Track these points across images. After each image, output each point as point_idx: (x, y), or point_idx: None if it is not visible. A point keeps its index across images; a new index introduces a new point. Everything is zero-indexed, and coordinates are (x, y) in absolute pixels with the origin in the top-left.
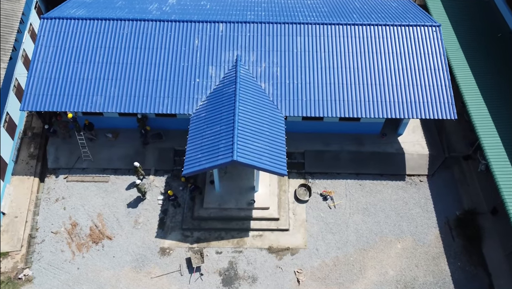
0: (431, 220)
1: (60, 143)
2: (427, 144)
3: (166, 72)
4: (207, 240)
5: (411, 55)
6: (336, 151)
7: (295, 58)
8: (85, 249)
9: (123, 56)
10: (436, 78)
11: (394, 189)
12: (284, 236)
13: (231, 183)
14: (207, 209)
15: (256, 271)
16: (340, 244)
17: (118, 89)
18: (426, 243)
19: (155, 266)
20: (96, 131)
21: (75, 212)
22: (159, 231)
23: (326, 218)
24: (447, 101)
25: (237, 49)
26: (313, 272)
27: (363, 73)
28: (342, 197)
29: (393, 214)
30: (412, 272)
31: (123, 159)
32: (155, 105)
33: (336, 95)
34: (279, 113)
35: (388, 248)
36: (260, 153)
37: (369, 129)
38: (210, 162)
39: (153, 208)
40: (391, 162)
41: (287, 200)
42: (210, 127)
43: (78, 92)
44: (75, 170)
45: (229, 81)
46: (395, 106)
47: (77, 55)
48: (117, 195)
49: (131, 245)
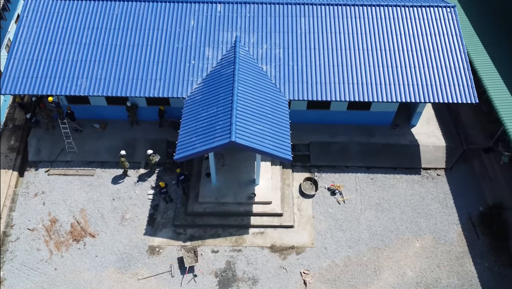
0: (452, 217)
1: (43, 134)
2: (443, 136)
3: (158, 55)
4: (202, 238)
5: (425, 37)
6: (344, 142)
7: (299, 39)
8: (64, 247)
9: (112, 38)
10: (453, 60)
11: (409, 183)
12: (288, 234)
13: (229, 176)
14: (202, 204)
15: (257, 272)
16: (352, 243)
17: (106, 71)
18: (448, 241)
19: (143, 266)
20: (80, 122)
21: (56, 208)
22: (149, 228)
23: (335, 214)
24: (466, 84)
25: (236, 31)
26: (321, 273)
27: (374, 55)
28: (352, 192)
29: (409, 210)
30: (434, 273)
31: (111, 151)
32: (146, 88)
33: (344, 77)
34: (282, 96)
35: (406, 247)
36: (262, 136)
37: (379, 120)
38: (205, 145)
39: (142, 203)
40: (404, 155)
41: (291, 194)
42: (205, 109)
43: (62, 75)
44: (58, 162)
45: (227, 63)
46: (410, 89)
47: (63, 36)
48: (103, 190)
49: (116, 243)
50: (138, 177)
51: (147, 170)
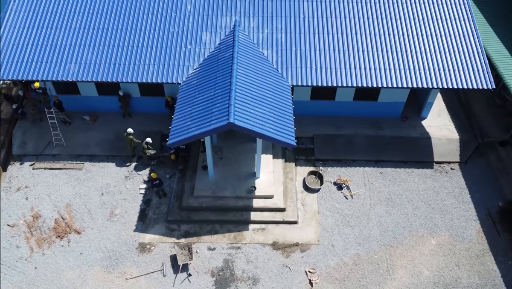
0: (469, 212)
1: (29, 127)
2: (455, 128)
3: (152, 39)
4: (197, 234)
5: (436, 21)
6: (351, 135)
7: (302, 24)
8: (46, 244)
9: (104, 22)
10: (466, 45)
11: (421, 177)
12: (291, 230)
13: (227, 169)
14: (198, 198)
15: (257, 270)
16: (361, 239)
17: (96, 56)
18: (466, 238)
19: (132, 265)
20: (69, 114)
21: (39, 202)
22: (139, 224)
23: (343, 210)
24: (481, 69)
25: (236, 15)
26: (329, 272)
27: (382, 39)
28: (360, 186)
29: (423, 205)
30: (453, 272)
31: (101, 144)
32: (139, 73)
33: (351, 62)
34: (285, 81)
35: (421, 244)
36: (263, 119)
37: (388, 112)
38: (201, 128)
39: (133, 198)
40: (415, 148)
41: (294, 188)
42: (202, 93)
43: (49, 60)
44: (44, 156)
45: (225, 47)
46: (422, 75)
47: (51, 21)
48: (91, 184)
49: (103, 240)
50: (130, 171)
51: (139, 163)
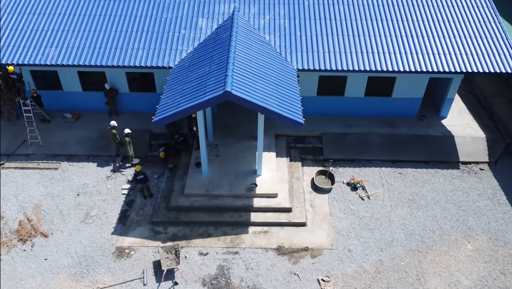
0: (508, 215)
1: (4, 125)
2: (480, 127)
3: (143, 25)
4: (187, 238)
5: (452, 7)
6: (363, 133)
7: (306, 10)
8: (5, 249)
9: (92, 8)
10: (488, 30)
11: (447, 178)
12: (299, 233)
13: (224, 166)
14: (189, 196)
15: (259, 279)
16: (383, 244)
17: (80, 41)
18: (509, 243)
19: (106, 272)
20: (49, 112)
21: (4, 203)
22: (119, 226)
23: (359, 211)
24: (507, 53)
25: (234, 2)
26: (346, 281)
27: (396, 24)
28: (377, 187)
29: (453, 207)
30: (498, 281)
31: (83, 143)
32: (126, 57)
33: (362, 46)
34: (290, 64)
35: (455, 249)
36: (266, 94)
37: (403, 109)
38: (193, 101)
39: (114, 198)
40: (437, 147)
41: (301, 188)
42: (195, 71)
43: (27, 44)
44: (17, 156)
45: (223, 30)
46: (442, 58)
47: (34, 7)
48: (66, 184)
49: (73, 244)
50: (112, 171)
51: (124, 163)
